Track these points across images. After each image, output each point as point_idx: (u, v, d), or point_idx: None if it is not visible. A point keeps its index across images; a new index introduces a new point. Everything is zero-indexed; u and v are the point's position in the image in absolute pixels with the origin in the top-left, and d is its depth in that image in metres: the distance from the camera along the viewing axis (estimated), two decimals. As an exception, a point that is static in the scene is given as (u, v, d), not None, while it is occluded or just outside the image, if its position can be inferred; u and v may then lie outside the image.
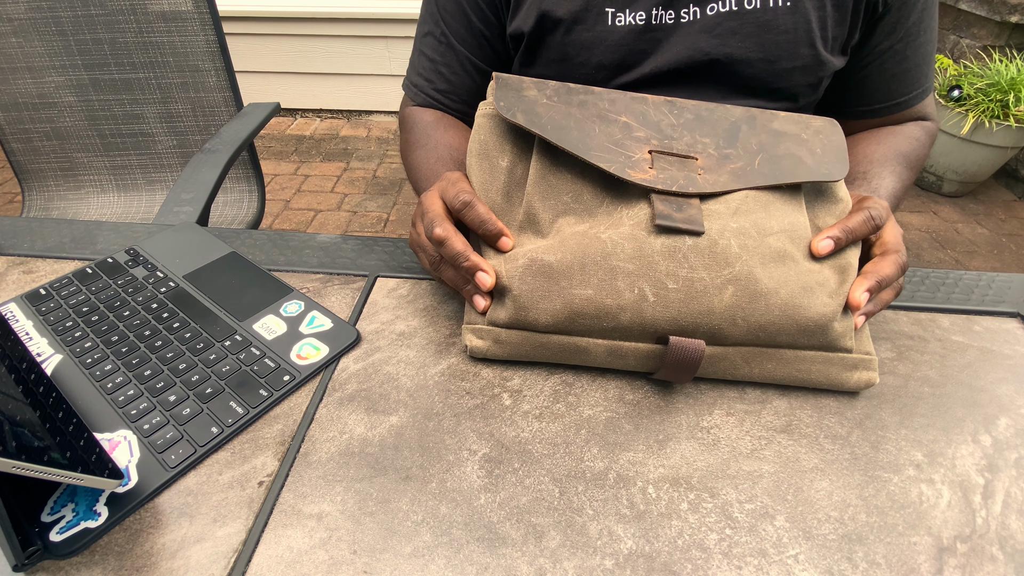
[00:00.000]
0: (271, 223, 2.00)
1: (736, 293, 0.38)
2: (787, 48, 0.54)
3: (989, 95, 1.94)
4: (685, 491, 0.36)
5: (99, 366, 0.43)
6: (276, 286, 0.51)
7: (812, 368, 0.41)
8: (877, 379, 0.41)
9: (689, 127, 0.44)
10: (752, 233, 0.40)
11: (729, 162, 0.43)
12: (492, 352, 0.43)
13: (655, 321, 0.39)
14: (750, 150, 0.43)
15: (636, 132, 0.43)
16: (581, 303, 0.39)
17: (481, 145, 0.45)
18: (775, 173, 0.42)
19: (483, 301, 0.42)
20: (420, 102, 0.66)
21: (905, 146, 0.60)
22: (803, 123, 0.45)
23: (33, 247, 0.57)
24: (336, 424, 0.40)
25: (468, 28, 0.62)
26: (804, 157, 0.43)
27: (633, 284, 0.39)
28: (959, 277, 0.53)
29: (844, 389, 0.42)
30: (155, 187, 1.13)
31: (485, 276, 0.41)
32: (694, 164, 0.42)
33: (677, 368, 0.39)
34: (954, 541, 0.33)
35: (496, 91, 0.44)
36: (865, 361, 0.41)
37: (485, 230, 0.42)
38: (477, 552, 0.33)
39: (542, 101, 0.43)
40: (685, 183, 0.41)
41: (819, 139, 0.44)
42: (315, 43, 2.49)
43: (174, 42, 1.00)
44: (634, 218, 0.40)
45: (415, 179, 0.62)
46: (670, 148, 0.43)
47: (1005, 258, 1.87)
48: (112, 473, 0.33)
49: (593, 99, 0.44)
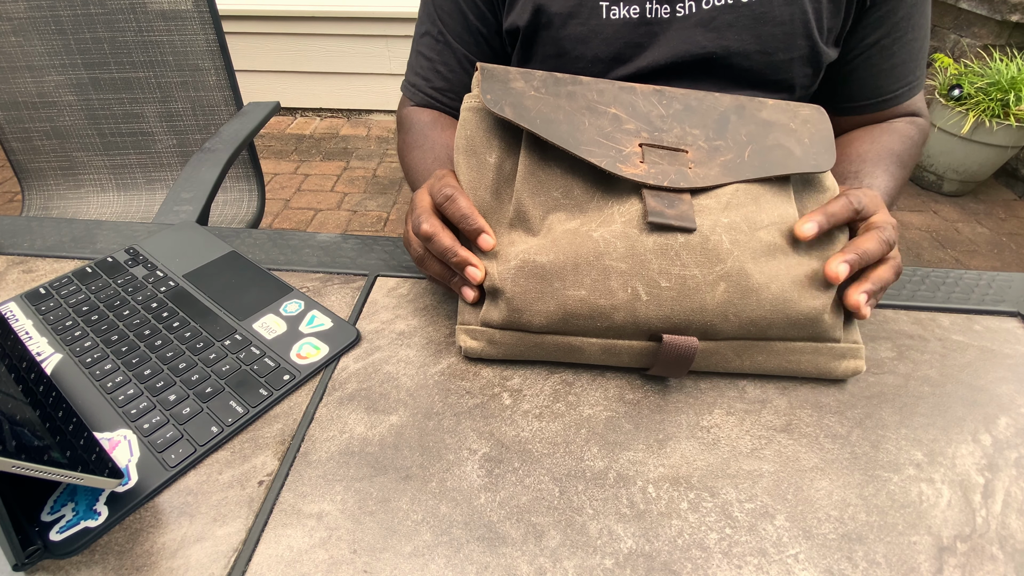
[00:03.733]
0: (271, 222, 2.00)
1: (728, 289, 0.38)
2: (784, 40, 0.54)
3: (989, 94, 1.94)
4: (685, 490, 0.36)
5: (99, 365, 0.43)
6: (276, 285, 0.51)
7: (802, 359, 0.41)
8: (864, 367, 0.42)
9: (678, 118, 0.43)
10: (743, 228, 0.40)
11: (719, 154, 0.42)
12: (486, 352, 0.43)
13: (648, 319, 0.39)
14: (739, 141, 0.43)
15: (626, 124, 0.42)
16: (575, 304, 0.39)
17: (468, 141, 0.44)
18: (765, 165, 0.42)
19: (472, 292, 0.42)
20: (418, 101, 0.67)
21: (898, 144, 0.59)
22: (791, 111, 0.45)
23: (33, 246, 0.57)
24: (336, 423, 0.40)
25: (465, 26, 0.62)
26: (793, 148, 0.43)
27: (626, 284, 0.39)
28: (959, 276, 0.53)
29: (832, 377, 0.42)
30: (155, 186, 1.13)
31: (475, 271, 0.40)
32: (684, 157, 0.42)
33: (671, 365, 0.40)
34: (954, 540, 0.33)
35: (482, 83, 0.42)
36: (853, 350, 0.42)
37: (466, 225, 0.41)
38: (477, 551, 0.33)
39: (529, 93, 0.42)
40: (676, 178, 0.41)
41: (807, 128, 0.44)
42: (315, 42, 2.49)
43: (174, 41, 1.00)
44: (626, 215, 0.40)
45: (412, 179, 0.62)
46: (660, 141, 0.42)
47: (1005, 257, 1.87)
48: (112, 472, 0.33)
49: (581, 89, 0.43)
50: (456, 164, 0.44)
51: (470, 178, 0.43)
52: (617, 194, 0.41)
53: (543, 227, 0.42)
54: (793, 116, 0.44)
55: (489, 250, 0.41)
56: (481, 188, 0.43)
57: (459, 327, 0.43)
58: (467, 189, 0.43)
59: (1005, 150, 1.99)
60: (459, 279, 0.42)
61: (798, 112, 0.45)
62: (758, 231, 0.40)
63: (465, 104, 0.45)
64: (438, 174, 0.44)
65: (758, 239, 0.40)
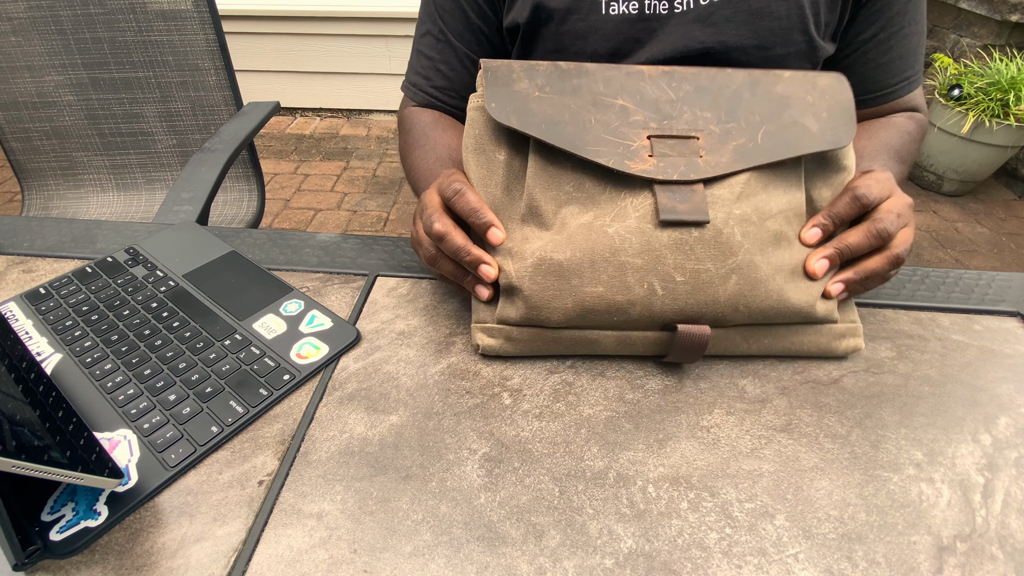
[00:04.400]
0: (271, 222, 2.00)
1: (739, 282, 0.39)
2: (781, 35, 0.55)
3: (989, 94, 1.94)
4: (685, 490, 0.36)
5: (99, 365, 0.43)
6: (276, 285, 0.51)
7: (804, 340, 0.43)
8: (863, 344, 0.44)
9: (688, 101, 0.42)
10: (753, 219, 0.40)
11: (731, 138, 0.41)
12: (504, 349, 0.43)
13: (663, 313, 0.40)
14: (753, 122, 0.42)
15: (634, 116, 0.42)
16: (593, 301, 0.40)
17: (476, 140, 0.44)
18: (779, 148, 0.41)
19: (486, 291, 0.42)
20: (419, 101, 0.67)
21: (896, 140, 0.59)
22: (809, 82, 0.43)
23: (33, 246, 0.57)
24: (336, 423, 0.40)
25: (466, 25, 0.62)
26: (809, 124, 0.42)
27: (642, 279, 0.39)
28: (959, 276, 0.53)
29: (834, 355, 0.44)
30: (155, 186, 1.13)
31: (488, 268, 0.41)
32: (695, 144, 0.41)
33: (685, 353, 0.41)
34: (954, 540, 0.33)
35: (486, 88, 0.42)
36: (851, 329, 0.44)
37: (475, 219, 0.41)
38: (477, 551, 0.33)
39: (534, 95, 0.42)
40: (686, 169, 0.40)
41: (825, 100, 0.43)
42: (315, 42, 2.49)
43: (174, 41, 1.00)
44: (639, 208, 0.40)
45: (415, 180, 0.62)
46: (669, 130, 0.41)
47: (1005, 257, 1.87)
48: (112, 472, 0.33)
49: (587, 82, 0.42)
50: (465, 163, 0.44)
51: (480, 176, 0.43)
52: (630, 186, 0.41)
53: (556, 221, 0.42)
54: (811, 87, 0.43)
55: (499, 244, 0.41)
56: (492, 185, 0.43)
57: (475, 325, 0.44)
58: (478, 187, 0.43)
59: (1005, 150, 1.99)
60: (472, 278, 0.42)
61: (816, 83, 0.43)
62: (767, 220, 0.40)
63: (471, 104, 0.45)
64: (446, 172, 0.44)
65: (767, 229, 0.40)
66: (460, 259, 0.41)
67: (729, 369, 0.44)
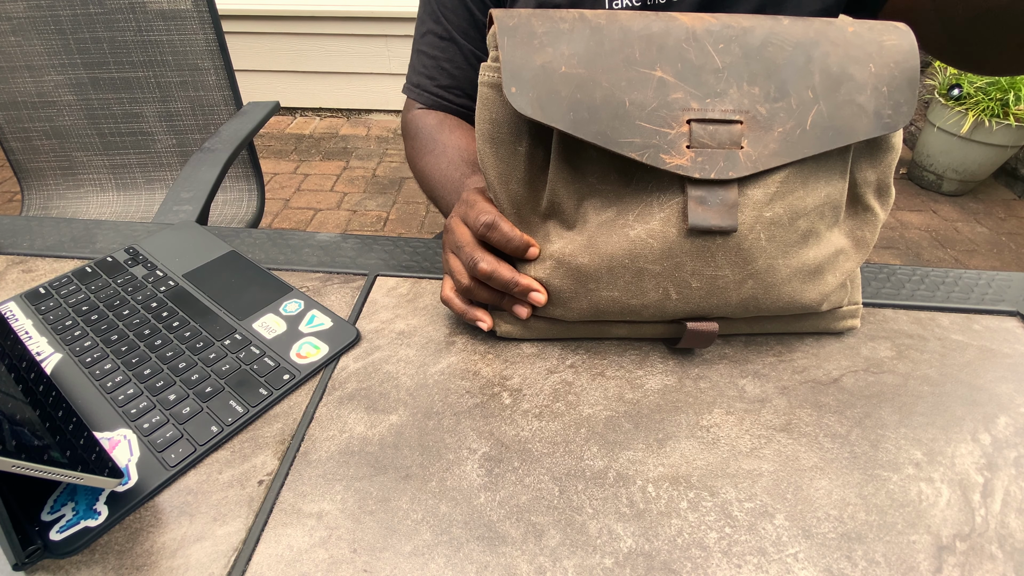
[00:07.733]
0: (271, 222, 2.00)
1: (754, 287, 0.40)
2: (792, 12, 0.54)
3: (989, 94, 1.94)
4: (685, 490, 0.36)
5: (99, 365, 0.43)
6: (276, 285, 0.51)
7: (806, 323, 0.46)
8: (859, 324, 0.47)
9: (736, 71, 0.37)
10: (784, 221, 0.38)
11: (777, 123, 0.37)
12: (521, 334, 0.46)
13: (675, 313, 0.41)
14: (804, 100, 0.37)
15: (673, 93, 0.37)
16: (606, 303, 0.41)
17: (493, 126, 0.39)
18: (827, 135, 0.37)
19: (525, 310, 0.43)
20: (424, 101, 0.66)
21: None
22: (875, 43, 0.38)
23: (32, 246, 0.57)
24: (336, 423, 0.40)
25: (471, 22, 0.61)
26: (866, 104, 0.38)
27: (659, 285, 0.40)
28: (959, 276, 0.53)
29: (833, 332, 0.47)
30: (154, 186, 1.13)
31: (539, 295, 0.41)
32: (738, 132, 0.37)
33: (692, 343, 0.44)
34: (953, 540, 0.33)
35: (504, 63, 0.36)
36: (852, 311, 0.46)
37: (512, 248, 0.41)
38: (477, 551, 0.33)
39: (559, 70, 0.36)
40: (725, 166, 0.37)
41: (888, 70, 0.38)
42: (314, 42, 2.49)
43: (173, 41, 1.00)
44: (665, 208, 0.38)
45: (428, 186, 0.61)
46: (712, 111, 0.37)
47: (1005, 257, 1.87)
48: (112, 472, 0.33)
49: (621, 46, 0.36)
50: (481, 157, 0.40)
51: (500, 171, 0.40)
52: (658, 180, 0.38)
53: (578, 217, 0.40)
54: (876, 50, 0.38)
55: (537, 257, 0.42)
56: (513, 181, 0.40)
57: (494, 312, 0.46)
58: (498, 182, 0.41)
59: (1004, 150, 2.00)
60: (509, 299, 0.43)
61: (883, 43, 0.38)
62: (798, 220, 0.39)
63: (483, 77, 0.39)
64: (468, 200, 0.43)
65: (796, 229, 0.39)
66: (510, 291, 0.42)
67: (729, 369, 0.44)
